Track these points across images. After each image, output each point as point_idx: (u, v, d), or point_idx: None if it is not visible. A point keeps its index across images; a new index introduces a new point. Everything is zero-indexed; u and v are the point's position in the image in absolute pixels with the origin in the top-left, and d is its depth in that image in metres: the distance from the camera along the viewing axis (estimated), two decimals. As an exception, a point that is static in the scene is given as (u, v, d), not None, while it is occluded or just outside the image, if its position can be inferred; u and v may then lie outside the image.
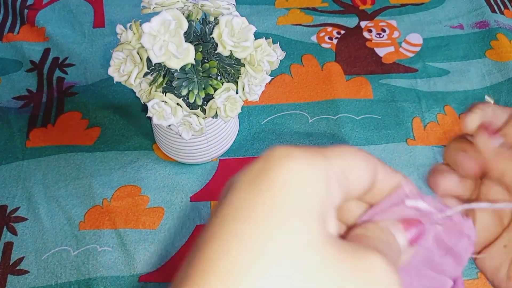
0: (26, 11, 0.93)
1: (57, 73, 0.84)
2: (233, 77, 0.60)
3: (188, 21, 0.53)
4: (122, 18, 0.92)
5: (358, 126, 0.77)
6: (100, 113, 0.79)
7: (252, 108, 0.79)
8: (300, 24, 0.91)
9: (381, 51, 0.87)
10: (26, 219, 0.68)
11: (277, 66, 0.61)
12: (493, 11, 0.92)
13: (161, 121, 0.58)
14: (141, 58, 0.55)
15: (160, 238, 0.66)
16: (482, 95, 0.81)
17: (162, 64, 0.54)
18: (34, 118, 0.78)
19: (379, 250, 0.20)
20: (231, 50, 0.55)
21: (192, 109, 0.59)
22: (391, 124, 0.77)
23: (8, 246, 0.66)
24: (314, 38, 0.89)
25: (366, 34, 0.90)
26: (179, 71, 0.55)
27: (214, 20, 0.58)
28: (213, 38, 0.55)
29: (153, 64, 0.55)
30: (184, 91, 0.56)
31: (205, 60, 0.58)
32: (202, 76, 0.57)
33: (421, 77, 0.83)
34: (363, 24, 0.91)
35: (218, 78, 0.59)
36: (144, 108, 0.77)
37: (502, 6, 0.93)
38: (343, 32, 0.90)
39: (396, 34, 0.89)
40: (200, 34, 0.58)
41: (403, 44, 0.88)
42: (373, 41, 0.89)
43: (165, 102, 0.56)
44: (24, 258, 0.65)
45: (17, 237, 0.66)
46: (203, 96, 0.57)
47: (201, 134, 0.62)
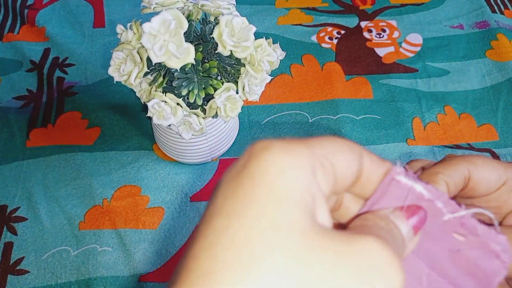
0: (26, 11, 0.93)
1: (57, 73, 0.84)
2: (233, 77, 0.60)
3: (188, 21, 0.53)
4: (122, 18, 0.92)
5: (358, 126, 0.77)
6: (100, 113, 0.79)
7: (252, 108, 0.79)
8: (300, 24, 0.91)
9: (381, 51, 0.87)
10: (26, 219, 0.68)
11: (277, 66, 0.61)
12: (493, 11, 0.92)
13: (161, 121, 0.57)
14: (141, 58, 0.54)
15: (160, 238, 0.66)
16: (482, 95, 0.81)
17: (162, 64, 0.54)
18: (34, 118, 0.78)
19: (378, 236, 0.19)
20: (231, 50, 0.55)
21: (192, 109, 0.59)
22: (391, 124, 0.77)
23: (8, 246, 0.66)
24: (314, 38, 0.89)
25: (366, 34, 0.90)
26: (179, 71, 0.55)
27: (214, 20, 0.58)
28: (213, 38, 0.55)
29: (153, 64, 0.55)
30: (184, 91, 0.56)
31: (205, 60, 0.58)
32: (202, 76, 0.57)
33: (421, 77, 0.83)
34: (363, 24, 0.91)
35: (218, 78, 0.59)
36: (144, 108, 0.77)
37: (502, 6, 0.93)
38: (343, 32, 0.90)
39: (396, 34, 0.89)
40: (200, 34, 0.58)
41: (403, 44, 0.88)
42: (373, 41, 0.89)
43: (165, 102, 0.56)
44: (24, 258, 0.64)
45: (17, 237, 0.66)
46: (203, 96, 0.57)
47: (201, 134, 0.62)
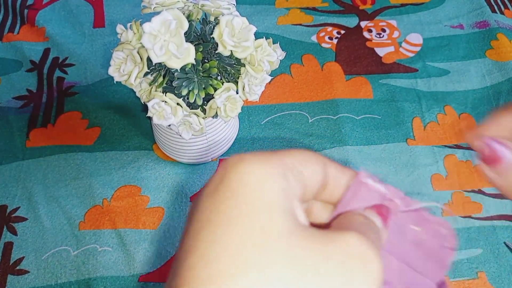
0: (26, 11, 0.93)
1: (57, 73, 0.84)
2: (233, 77, 0.60)
3: (189, 21, 0.53)
4: (122, 18, 0.92)
5: (358, 126, 0.77)
6: (100, 113, 0.79)
7: (252, 108, 0.79)
8: (300, 24, 0.91)
9: (381, 51, 0.87)
10: (26, 219, 0.68)
11: (277, 66, 0.61)
12: (493, 11, 0.92)
13: (161, 121, 0.57)
14: (142, 58, 0.54)
15: (160, 238, 0.66)
16: (482, 95, 0.81)
17: (163, 64, 0.54)
18: (34, 118, 0.78)
19: (359, 231, 0.20)
20: (232, 50, 0.55)
21: (192, 109, 0.59)
22: (391, 124, 0.77)
23: (8, 246, 0.66)
24: (314, 38, 0.89)
25: (366, 34, 0.90)
26: (180, 71, 0.55)
27: (215, 20, 0.58)
28: (214, 38, 0.55)
29: (154, 64, 0.55)
30: (184, 91, 0.56)
31: (206, 60, 0.58)
32: (202, 76, 0.57)
33: (421, 77, 0.83)
34: (363, 24, 0.91)
35: (218, 78, 0.59)
36: (144, 108, 0.77)
37: (502, 6, 0.93)
38: (343, 32, 0.90)
39: (396, 34, 0.89)
40: (201, 34, 0.58)
41: (403, 44, 0.88)
42: (373, 41, 0.89)
43: (165, 102, 0.56)
44: (24, 258, 0.64)
45: (17, 237, 0.66)
46: (203, 96, 0.57)
47: (201, 134, 0.62)
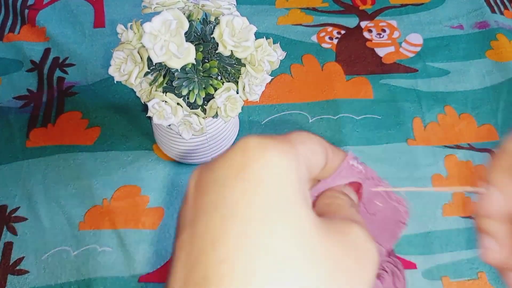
0: (27, 11, 0.93)
1: (58, 73, 0.84)
2: (234, 77, 0.60)
3: (189, 21, 0.53)
4: (123, 18, 0.92)
5: (358, 126, 0.77)
6: (100, 113, 0.78)
7: (252, 108, 0.79)
8: (301, 24, 0.91)
9: (381, 51, 0.87)
10: (26, 219, 0.68)
11: (278, 66, 0.61)
12: (493, 12, 0.92)
13: (161, 121, 0.57)
14: (142, 58, 0.54)
15: (160, 238, 0.66)
16: (482, 95, 0.81)
17: (163, 64, 0.54)
18: (34, 118, 0.78)
19: (352, 218, 0.22)
20: (232, 50, 0.55)
21: (193, 109, 0.59)
22: (391, 124, 0.77)
23: (8, 246, 0.65)
24: (315, 38, 0.89)
25: (366, 34, 0.90)
26: (180, 71, 0.55)
27: (215, 20, 0.58)
28: (214, 38, 0.55)
29: (154, 64, 0.55)
30: (185, 91, 0.56)
31: (206, 60, 0.58)
32: (203, 76, 0.57)
33: (421, 77, 0.83)
34: (363, 24, 0.91)
35: (219, 78, 0.59)
36: (144, 108, 0.77)
37: (502, 7, 0.93)
38: (343, 32, 0.90)
39: (396, 34, 0.89)
40: (201, 34, 0.58)
41: (403, 44, 0.88)
42: (373, 41, 0.89)
43: (166, 102, 0.56)
44: (24, 258, 0.64)
45: (17, 237, 0.66)
46: (204, 96, 0.57)
47: (201, 134, 0.62)
